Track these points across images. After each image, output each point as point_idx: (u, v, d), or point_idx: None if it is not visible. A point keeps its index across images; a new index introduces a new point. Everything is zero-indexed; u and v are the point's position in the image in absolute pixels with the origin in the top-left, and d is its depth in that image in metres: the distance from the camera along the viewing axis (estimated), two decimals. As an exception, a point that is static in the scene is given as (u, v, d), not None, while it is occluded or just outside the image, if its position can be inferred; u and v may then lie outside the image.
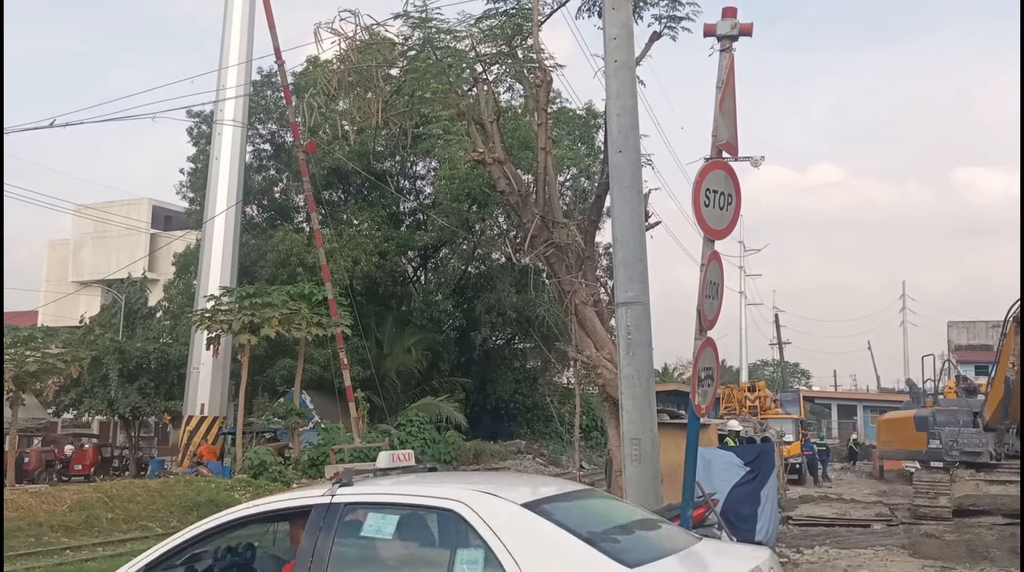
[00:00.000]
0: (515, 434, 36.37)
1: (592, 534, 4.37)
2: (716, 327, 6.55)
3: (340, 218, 32.41)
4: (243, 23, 26.73)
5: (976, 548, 13.64)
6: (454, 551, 4.39)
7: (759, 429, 22.39)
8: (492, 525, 4.28)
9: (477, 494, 4.57)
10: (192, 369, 25.93)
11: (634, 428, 8.41)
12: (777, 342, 67.88)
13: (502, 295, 32.58)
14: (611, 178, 8.90)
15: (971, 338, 47.30)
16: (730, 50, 6.56)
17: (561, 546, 4.22)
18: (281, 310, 23.36)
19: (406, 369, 31.83)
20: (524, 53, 13.94)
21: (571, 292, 13.25)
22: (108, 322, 33.94)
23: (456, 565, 4.31)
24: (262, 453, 21.69)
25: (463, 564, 4.29)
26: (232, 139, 26.69)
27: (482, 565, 4.21)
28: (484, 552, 4.23)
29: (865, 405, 55.90)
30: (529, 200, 13.77)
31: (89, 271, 50.19)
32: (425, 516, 4.74)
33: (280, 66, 20.51)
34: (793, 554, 12.63)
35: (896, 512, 18.29)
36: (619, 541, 4.55)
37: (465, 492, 4.59)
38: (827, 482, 29.14)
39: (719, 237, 6.46)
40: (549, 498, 4.75)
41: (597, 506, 5.16)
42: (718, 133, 6.42)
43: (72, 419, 36.35)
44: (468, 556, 4.29)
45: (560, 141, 27.26)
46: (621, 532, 4.78)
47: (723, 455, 12.98)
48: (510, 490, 4.75)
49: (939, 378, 24.56)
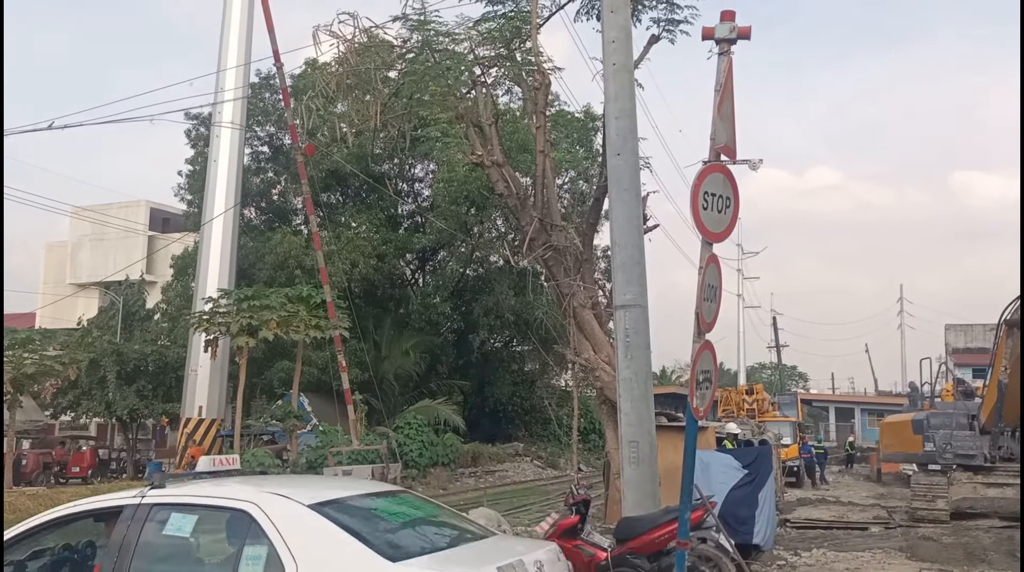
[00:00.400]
0: (513, 437, 36.36)
1: (369, 532, 4.88)
2: (714, 330, 6.55)
3: (338, 220, 32.41)
4: (242, 25, 26.72)
5: (974, 551, 13.64)
6: (241, 548, 4.86)
7: (757, 432, 22.42)
8: (277, 524, 4.77)
9: (268, 496, 5.06)
10: (190, 371, 25.89)
11: (632, 431, 8.43)
12: (775, 345, 67.95)
13: (500, 298, 32.59)
14: (609, 181, 8.94)
15: (969, 341, 47.33)
16: (728, 53, 6.57)
17: (336, 543, 4.69)
18: (279, 312, 23.34)
19: (404, 371, 31.81)
20: (523, 56, 13.98)
21: (569, 295, 13.28)
22: (106, 324, 33.94)
23: (242, 561, 4.79)
24: (260, 455, 21.67)
25: (248, 560, 4.77)
26: (230, 141, 26.67)
27: (264, 561, 4.69)
28: (268, 549, 4.71)
29: (863, 408, 55.99)
30: (527, 203, 13.80)
31: (87, 273, 50.16)
32: (221, 516, 5.23)
33: (279, 69, 20.51)
34: (791, 557, 12.63)
35: (894, 515, 18.28)
36: (394, 538, 5.08)
37: (257, 494, 5.10)
38: (825, 485, 29.14)
39: (717, 240, 6.46)
40: (339, 499, 5.25)
41: (392, 506, 5.68)
42: (716, 136, 6.42)
43: (70, 421, 36.32)
44: (252, 552, 4.76)
45: (558, 144, 27.22)
46: (402, 529, 5.34)
47: (721, 458, 12.98)
48: (302, 492, 5.21)
49: (935, 381, 24.59)
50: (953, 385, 24.64)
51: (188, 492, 5.38)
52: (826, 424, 56.08)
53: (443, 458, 27.43)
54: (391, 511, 5.56)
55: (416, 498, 6.25)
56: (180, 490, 5.40)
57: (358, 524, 4.92)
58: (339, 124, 20.14)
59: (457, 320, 35.87)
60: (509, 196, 13.83)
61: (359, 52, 13.90)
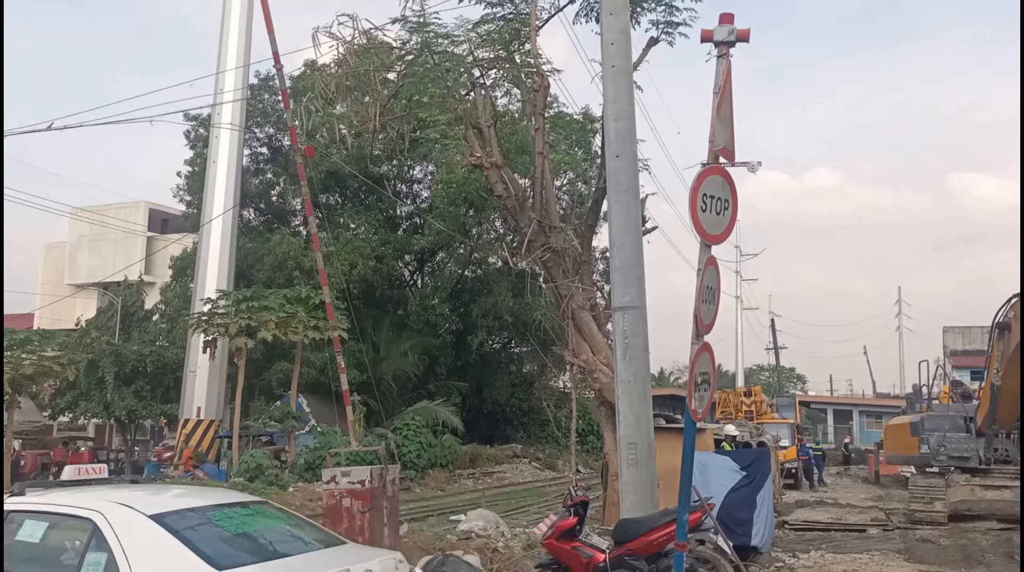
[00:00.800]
0: (511, 438, 36.35)
1: (203, 542, 5.28)
2: (713, 332, 6.55)
3: (337, 222, 32.40)
4: (241, 26, 26.75)
5: (972, 553, 13.66)
6: (84, 554, 5.23)
7: (755, 434, 22.42)
8: (117, 532, 5.17)
9: (112, 505, 5.45)
10: (188, 372, 25.90)
11: (631, 432, 8.44)
12: (773, 347, 67.89)
13: (499, 299, 32.58)
14: (608, 182, 8.95)
15: (967, 343, 47.35)
16: (727, 56, 6.58)
17: (169, 552, 5.10)
18: (278, 314, 23.33)
19: (403, 373, 31.80)
20: (522, 58, 13.99)
21: (568, 296, 13.28)
22: (104, 325, 33.90)
23: (83, 567, 5.17)
24: (258, 456, 21.66)
25: (89, 566, 5.15)
26: (229, 142, 26.69)
27: (103, 567, 5.07)
28: (108, 556, 5.09)
29: (861, 410, 56.07)
30: (526, 204, 13.81)
31: (85, 274, 50.11)
32: (69, 523, 5.58)
33: (279, 71, 20.49)
34: (789, 558, 12.65)
35: (892, 517, 18.29)
36: (227, 548, 5.45)
37: (102, 503, 5.49)
38: (823, 487, 29.15)
39: (716, 242, 6.47)
40: (182, 510, 5.68)
41: (239, 517, 6.04)
42: (715, 138, 6.43)
43: (68, 422, 36.26)
44: (93, 559, 5.15)
45: (557, 146, 27.21)
46: (240, 539, 5.70)
47: (719, 459, 13.00)
48: (148, 502, 5.63)
49: (932, 383, 24.64)
50: (950, 387, 24.69)
51: (42, 500, 5.81)
52: (824, 426, 56.16)
53: (441, 459, 27.43)
54: (236, 522, 5.94)
55: (271, 509, 6.63)
56: (38, 499, 5.85)
57: (194, 534, 5.34)
58: (338, 126, 20.12)
59: (455, 321, 35.87)
60: (508, 198, 13.84)
61: (358, 54, 13.90)
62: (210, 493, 7.02)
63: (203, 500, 6.20)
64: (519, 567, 10.94)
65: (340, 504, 9.69)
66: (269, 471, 21.25)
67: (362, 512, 9.58)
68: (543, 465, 33.10)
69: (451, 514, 17.28)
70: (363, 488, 9.67)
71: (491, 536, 12.85)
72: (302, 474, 22.42)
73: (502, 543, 12.48)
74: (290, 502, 19.56)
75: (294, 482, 21.62)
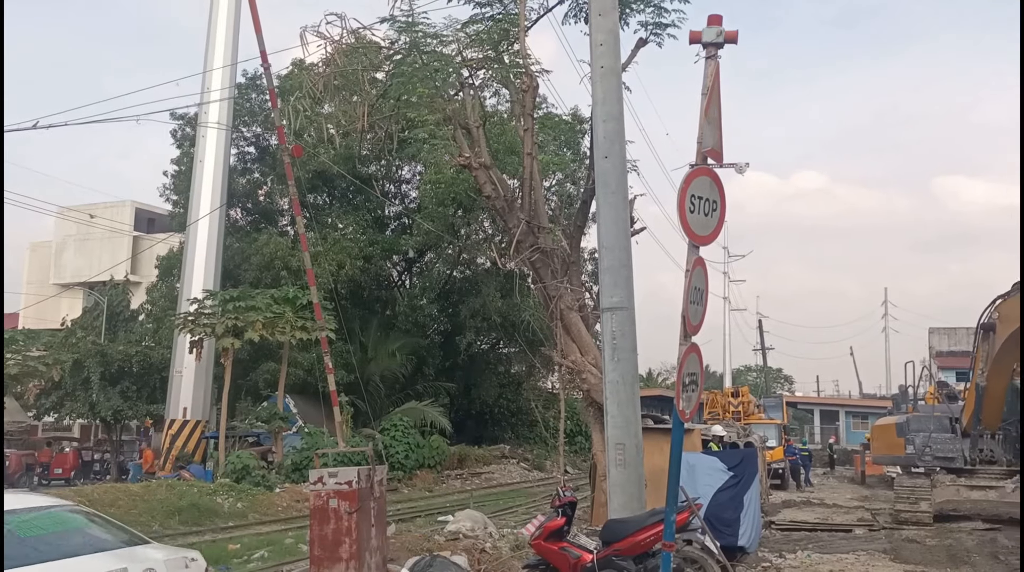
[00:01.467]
0: (499, 439, 36.36)
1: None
2: (700, 333, 6.56)
3: (325, 222, 32.33)
4: (228, 25, 26.64)
5: (957, 553, 13.75)
6: None
7: (742, 434, 22.47)
8: None
9: None
10: (175, 373, 25.76)
11: (619, 433, 8.44)
12: (760, 348, 68.17)
13: (487, 300, 32.57)
14: (597, 183, 8.95)
15: (953, 344, 47.56)
16: (715, 57, 6.59)
17: None
18: (265, 314, 23.26)
19: (390, 373, 31.75)
20: (510, 58, 13.98)
21: (556, 297, 13.29)
22: (90, 325, 33.66)
23: None
24: (245, 457, 21.59)
25: None
26: (216, 142, 26.57)
27: None
28: None
29: (847, 410, 56.30)
30: (515, 205, 13.81)
31: (71, 274, 49.84)
32: None
33: (266, 70, 20.40)
34: (776, 558, 12.68)
35: (878, 517, 18.38)
36: (11, 551, 5.86)
37: None
38: (809, 487, 29.26)
39: (704, 243, 6.48)
40: None
41: (34, 521, 6.47)
42: (703, 139, 6.44)
43: (53, 422, 36.02)
44: None
45: (546, 146, 27.28)
46: (27, 543, 6.11)
47: (707, 460, 13.01)
48: None
49: (918, 384, 24.76)
50: (936, 388, 24.83)
51: None
52: (811, 427, 56.35)
53: (429, 460, 27.40)
54: (28, 525, 6.34)
55: (71, 512, 7.03)
56: None
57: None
58: (326, 125, 20.09)
59: (444, 322, 35.84)
60: (496, 198, 13.83)
61: (346, 53, 13.86)
62: (10, 499, 7.26)
63: (12, 503, 6.55)
64: (507, 568, 10.93)
65: (327, 505, 9.64)
66: (256, 472, 21.18)
67: (349, 513, 9.54)
68: (531, 466, 33.14)
69: (439, 515, 17.27)
70: (350, 489, 9.63)
71: (479, 537, 12.84)
72: (289, 475, 22.36)
73: (490, 544, 12.46)
74: (276, 503, 19.53)
75: (281, 483, 21.56)
